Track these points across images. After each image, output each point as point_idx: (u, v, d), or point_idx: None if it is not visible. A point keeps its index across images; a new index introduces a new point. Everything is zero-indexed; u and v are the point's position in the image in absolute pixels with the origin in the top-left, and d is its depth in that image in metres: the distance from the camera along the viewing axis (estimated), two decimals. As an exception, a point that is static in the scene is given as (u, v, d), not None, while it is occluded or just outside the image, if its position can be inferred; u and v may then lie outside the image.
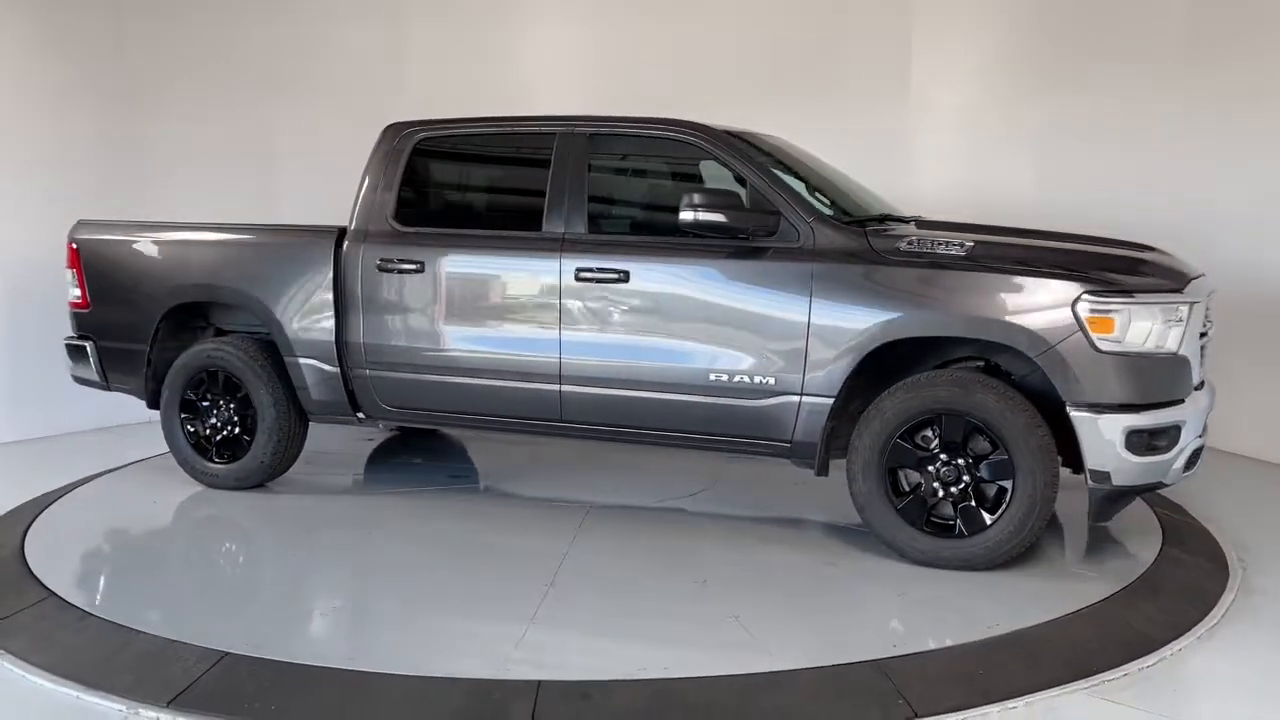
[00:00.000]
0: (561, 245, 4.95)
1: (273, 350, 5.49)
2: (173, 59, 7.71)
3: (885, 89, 8.85)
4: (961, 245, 4.51)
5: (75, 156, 7.21)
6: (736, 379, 4.67)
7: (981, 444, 4.37)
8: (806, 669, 3.47)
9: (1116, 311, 4.20)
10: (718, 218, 4.55)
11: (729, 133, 4.96)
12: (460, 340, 5.17)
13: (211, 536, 5.19)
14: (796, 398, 4.58)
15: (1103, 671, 3.49)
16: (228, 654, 3.53)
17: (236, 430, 5.57)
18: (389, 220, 5.30)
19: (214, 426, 5.60)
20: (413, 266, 5.17)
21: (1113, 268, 4.47)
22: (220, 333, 5.88)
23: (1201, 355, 4.55)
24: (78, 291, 5.86)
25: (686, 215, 4.56)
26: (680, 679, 3.40)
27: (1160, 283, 4.41)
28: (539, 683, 3.34)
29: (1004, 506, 4.31)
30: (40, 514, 5.20)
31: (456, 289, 5.20)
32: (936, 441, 4.41)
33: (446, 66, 8.46)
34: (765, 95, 8.30)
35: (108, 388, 5.91)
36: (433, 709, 3.26)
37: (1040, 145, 8.07)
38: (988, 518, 4.34)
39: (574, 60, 8.87)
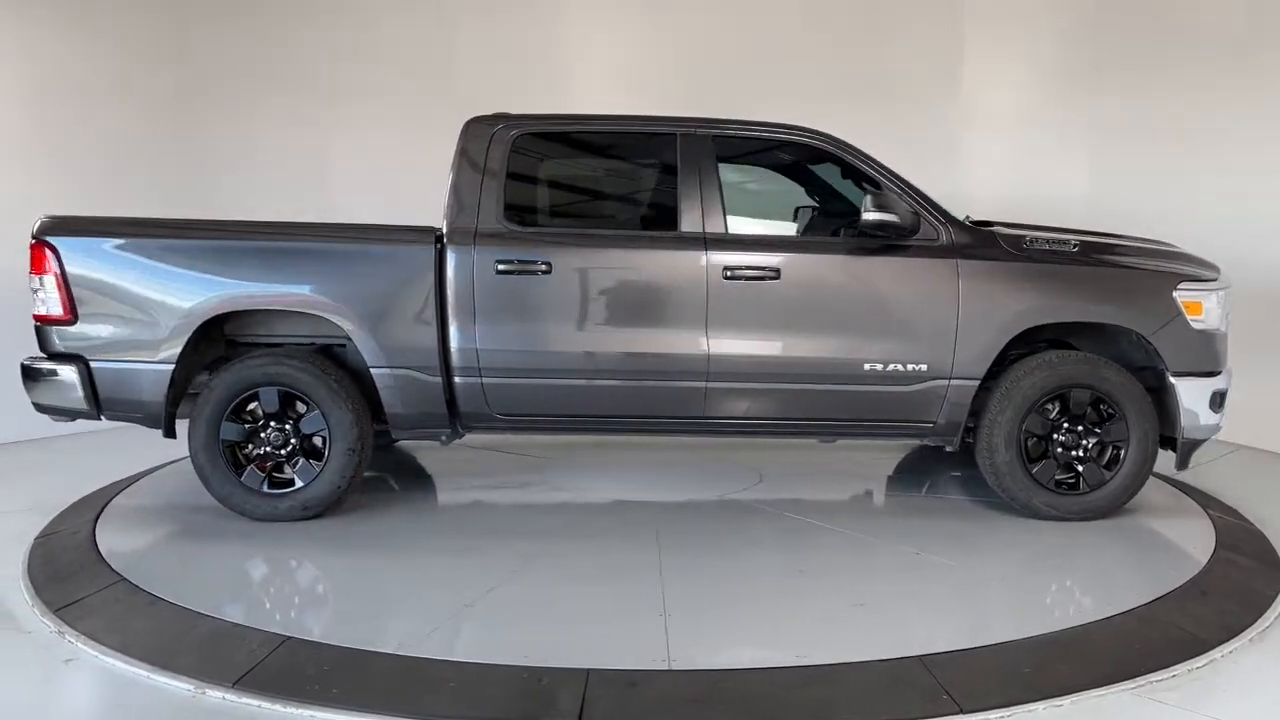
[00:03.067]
0: (705, 244, 5.03)
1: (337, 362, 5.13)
2: (229, 61, 7.91)
3: (935, 91, 8.82)
4: (1068, 243, 5.18)
5: (127, 156, 7.39)
6: (891, 367, 5.03)
7: (1087, 414, 5.09)
8: (851, 663, 3.50)
9: (1202, 296, 5.11)
10: (892, 218, 4.90)
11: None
12: (598, 341, 5.07)
13: (272, 526, 5.28)
14: (946, 381, 5.04)
15: (1151, 672, 3.49)
16: (290, 638, 3.65)
17: (291, 454, 5.03)
18: (500, 220, 5.06)
19: (265, 453, 5.02)
20: (541, 268, 5.01)
21: (1187, 260, 5.31)
22: (232, 344, 5.24)
23: None
24: (52, 301, 4.92)
25: (871, 215, 4.87)
26: (725, 670, 3.46)
27: (1214, 274, 5.26)
28: (588, 671, 3.41)
29: (1120, 464, 5.09)
30: (109, 502, 5.40)
31: (593, 289, 5.10)
32: (1057, 412, 5.10)
33: (494, 66, 8.56)
34: (814, 95, 8.31)
35: (99, 416, 5.03)
36: (484, 694, 3.34)
37: (1092, 147, 7.99)
38: (1106, 474, 5.09)
39: (623, 59, 8.95)
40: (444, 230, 5.04)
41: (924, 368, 5.04)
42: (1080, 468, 5.10)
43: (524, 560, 4.52)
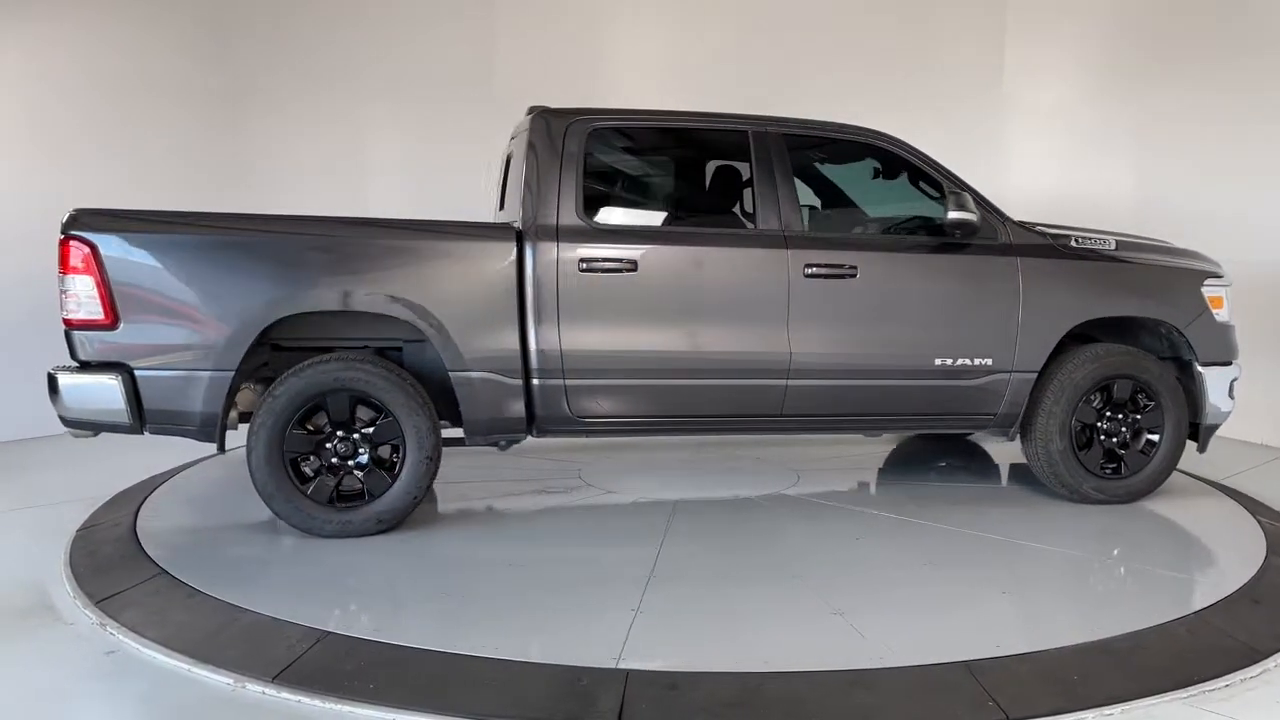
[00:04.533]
0: (786, 241, 5.02)
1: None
2: (270, 61, 7.97)
3: (977, 86, 8.72)
4: (1107, 241, 5.45)
5: (162, 154, 7.47)
6: (960, 362, 5.21)
7: (1113, 402, 5.41)
8: (896, 667, 3.44)
9: (1222, 291, 5.53)
10: (972, 217, 5.06)
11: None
12: (682, 340, 5.01)
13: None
14: (1008, 375, 5.25)
15: (1203, 682, 3.41)
16: (329, 633, 3.65)
17: (362, 465, 4.75)
18: (581, 216, 4.93)
19: (333, 464, 4.72)
20: (626, 265, 4.92)
21: (1198, 258, 5.66)
22: (276, 349, 4.88)
23: None
24: (89, 303, 4.50)
25: (954, 215, 5.03)
26: (770, 673, 3.41)
27: (1222, 270, 5.64)
28: (628, 671, 3.38)
29: (1156, 449, 5.42)
30: (150, 495, 5.46)
31: (677, 287, 5.00)
32: (1099, 401, 5.40)
33: (529, 66, 8.56)
34: (853, 91, 8.24)
35: (141, 430, 4.62)
36: (523, 693, 3.31)
37: (1139, 144, 7.86)
38: (1144, 459, 5.42)
39: (665, 58, 8.92)
40: (522, 226, 4.88)
41: (989, 362, 5.24)
42: (1122, 453, 5.44)
43: (570, 565, 4.51)
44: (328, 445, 4.71)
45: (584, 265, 4.85)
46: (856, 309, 5.12)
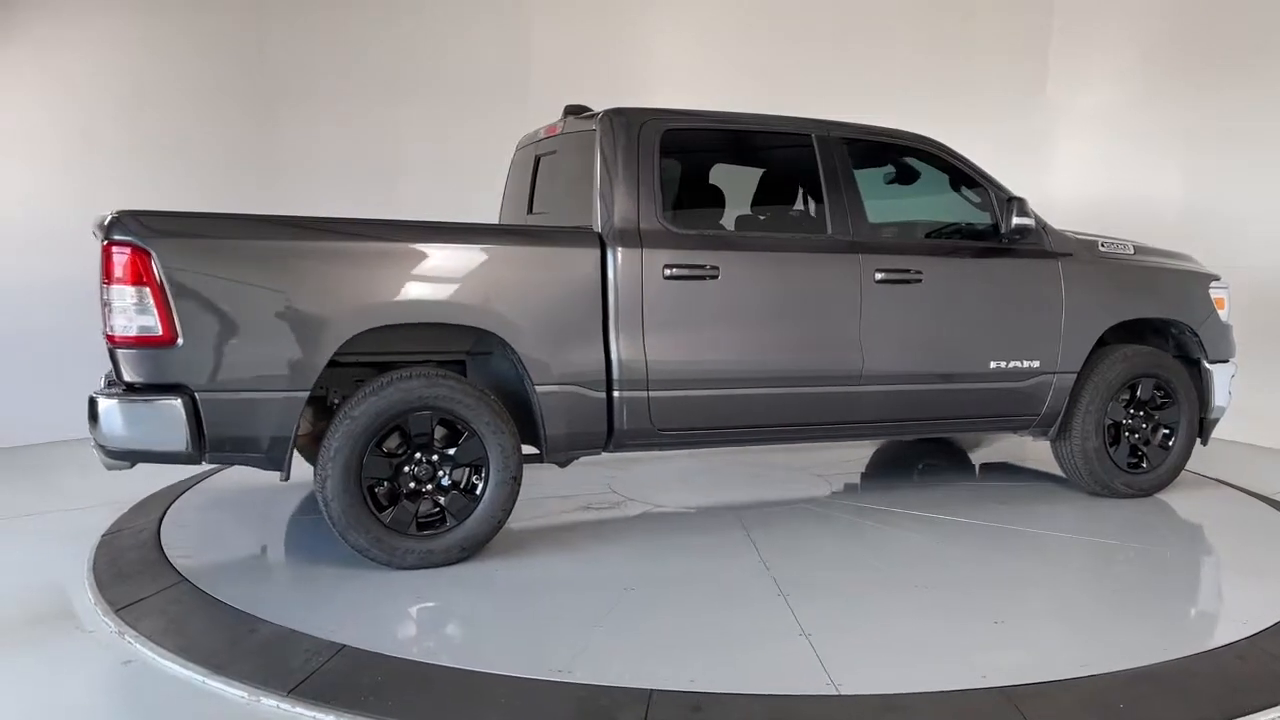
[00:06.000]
0: (857, 247, 5.00)
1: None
2: (306, 61, 7.96)
3: (1020, 90, 8.55)
4: (1127, 246, 5.69)
5: (199, 156, 7.47)
6: (1012, 364, 5.32)
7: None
8: (930, 693, 3.30)
9: (1223, 293, 5.82)
10: (1032, 222, 5.23)
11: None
12: (766, 348, 4.89)
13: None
14: (1053, 376, 5.40)
15: (1255, 711, 3.24)
16: (346, 646, 3.58)
17: (437, 488, 4.40)
18: (661, 221, 4.73)
19: (412, 490, 4.34)
20: (709, 272, 4.74)
21: (1192, 260, 5.94)
22: (331, 365, 4.26)
23: None
24: (146, 318, 3.93)
25: (1018, 220, 5.15)
26: (798, 696, 3.29)
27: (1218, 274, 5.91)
28: (651, 691, 3.27)
29: (1173, 441, 5.71)
30: (175, 501, 5.43)
31: (759, 294, 4.89)
32: (1125, 399, 5.62)
33: (570, 65, 8.49)
34: (893, 95, 8.09)
35: (200, 460, 4.08)
36: (542, 711, 3.22)
37: (1188, 148, 7.65)
38: (1164, 452, 5.69)
39: (698, 62, 8.82)
40: (602, 230, 4.64)
41: (1037, 364, 5.37)
42: (1145, 449, 5.68)
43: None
44: (405, 469, 4.33)
45: (669, 272, 4.67)
46: (921, 314, 5.15)
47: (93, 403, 4.00)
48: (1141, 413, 5.68)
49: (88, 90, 7.15)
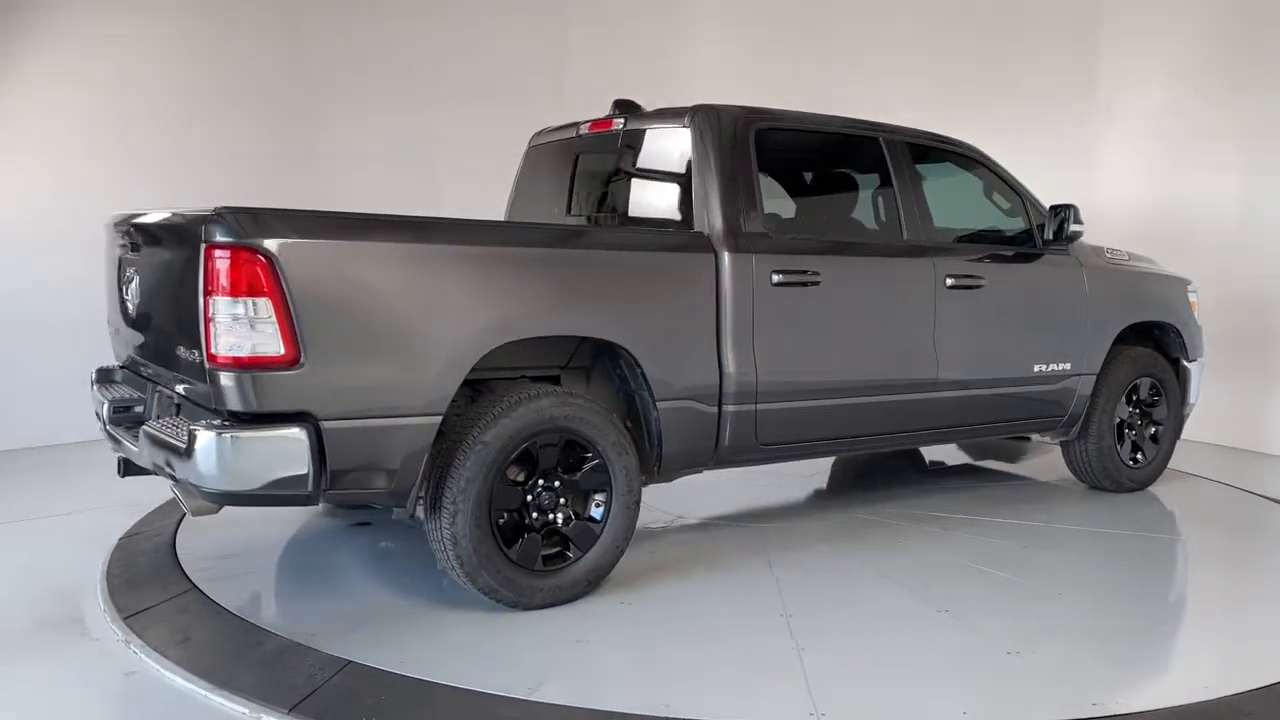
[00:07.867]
0: (930, 252, 5.01)
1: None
2: (342, 61, 7.93)
3: (1069, 93, 8.29)
4: (1121, 252, 5.91)
5: (234, 156, 7.42)
6: (1050, 367, 5.44)
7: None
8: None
9: (1196, 297, 6.14)
10: (1082, 229, 5.37)
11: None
12: (866, 356, 4.80)
13: (354, 544, 5.07)
14: (1079, 377, 5.56)
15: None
16: (351, 662, 3.47)
17: (561, 518, 4.01)
18: (763, 224, 4.49)
19: (536, 520, 3.95)
20: (811, 279, 4.55)
21: (1161, 266, 6.18)
22: None
23: None
24: (265, 334, 3.33)
25: (1076, 227, 5.31)
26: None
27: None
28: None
29: (1161, 439, 6.02)
30: (195, 505, 5.34)
31: (856, 302, 4.77)
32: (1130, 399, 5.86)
33: (605, 64, 8.36)
34: (938, 98, 7.88)
35: (316, 500, 3.54)
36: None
37: (1245, 151, 7.35)
38: (1155, 448, 6.02)
39: (738, 61, 8.67)
40: (709, 233, 4.35)
41: (1068, 366, 5.50)
42: (1141, 445, 5.94)
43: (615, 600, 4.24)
44: (529, 498, 3.93)
45: (777, 278, 4.43)
46: (982, 319, 5.18)
47: (190, 437, 3.34)
48: (1139, 410, 5.94)
49: (120, 90, 7.14)
